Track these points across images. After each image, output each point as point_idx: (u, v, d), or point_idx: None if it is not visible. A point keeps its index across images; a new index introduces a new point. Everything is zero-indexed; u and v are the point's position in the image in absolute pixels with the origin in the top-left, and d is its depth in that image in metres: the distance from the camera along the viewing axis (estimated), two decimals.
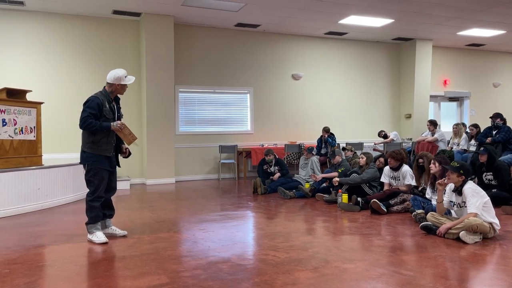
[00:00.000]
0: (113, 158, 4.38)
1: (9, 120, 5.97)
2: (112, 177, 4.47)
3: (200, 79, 10.02)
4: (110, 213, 4.56)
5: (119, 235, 4.48)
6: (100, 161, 4.25)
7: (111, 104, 4.34)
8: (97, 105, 4.18)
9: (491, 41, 12.03)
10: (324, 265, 3.47)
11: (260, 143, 10.38)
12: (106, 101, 4.26)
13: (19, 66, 8.47)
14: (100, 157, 4.24)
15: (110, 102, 4.31)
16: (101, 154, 4.24)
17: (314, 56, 11.21)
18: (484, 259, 3.61)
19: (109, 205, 4.53)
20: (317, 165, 8.01)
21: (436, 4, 8.54)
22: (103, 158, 4.26)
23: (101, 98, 4.23)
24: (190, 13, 8.97)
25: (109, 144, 4.30)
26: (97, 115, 4.17)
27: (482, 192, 4.29)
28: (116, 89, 4.32)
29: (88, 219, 4.32)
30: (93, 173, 4.25)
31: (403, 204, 5.63)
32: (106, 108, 4.24)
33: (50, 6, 8.37)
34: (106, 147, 4.27)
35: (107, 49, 9.13)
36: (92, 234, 4.28)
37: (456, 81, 13.04)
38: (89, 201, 4.29)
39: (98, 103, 4.18)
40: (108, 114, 4.26)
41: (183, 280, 3.15)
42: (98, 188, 4.26)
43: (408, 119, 11.94)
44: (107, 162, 4.32)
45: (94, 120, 4.15)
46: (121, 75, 4.27)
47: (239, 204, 6.52)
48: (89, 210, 4.30)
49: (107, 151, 4.29)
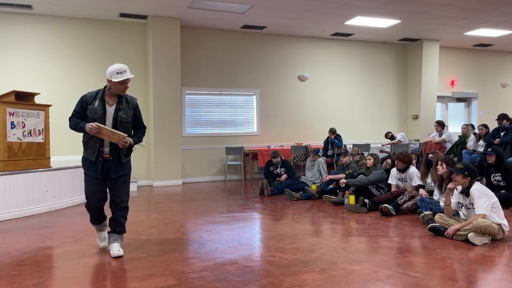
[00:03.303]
0: (98, 165, 3.79)
1: (18, 122, 6.02)
2: (111, 191, 3.93)
3: (207, 81, 10.05)
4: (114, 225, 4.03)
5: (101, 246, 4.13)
6: (87, 166, 3.86)
7: (101, 102, 3.79)
8: (81, 102, 3.79)
9: (499, 41, 11.94)
10: (331, 266, 3.46)
11: (267, 144, 10.38)
12: (97, 99, 3.79)
13: (27, 69, 8.54)
14: (86, 160, 3.86)
15: (102, 100, 3.80)
16: (87, 158, 3.85)
17: (320, 57, 11.20)
18: (493, 261, 3.58)
19: (114, 218, 3.98)
20: (324, 167, 7.99)
21: (443, 4, 8.50)
22: (88, 162, 3.84)
23: (90, 96, 3.81)
24: (196, 16, 9.01)
25: (93, 147, 3.80)
26: (80, 112, 3.78)
27: (490, 193, 4.26)
28: (111, 86, 3.81)
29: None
30: (84, 177, 3.91)
31: (413, 200, 5.59)
32: (92, 106, 3.77)
33: (58, 10, 8.44)
34: (90, 151, 3.82)
35: (114, 51, 9.19)
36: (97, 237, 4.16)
37: (463, 82, 12.96)
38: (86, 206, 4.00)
39: (82, 100, 3.80)
40: (93, 113, 3.76)
41: (190, 282, 3.16)
42: (86, 195, 3.90)
43: (415, 120, 11.88)
44: (93, 168, 3.81)
45: (74, 119, 3.78)
46: (111, 71, 3.76)
47: (246, 206, 6.52)
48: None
49: (90, 155, 3.82)
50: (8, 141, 5.85)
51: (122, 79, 3.75)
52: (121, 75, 3.75)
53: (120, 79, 3.74)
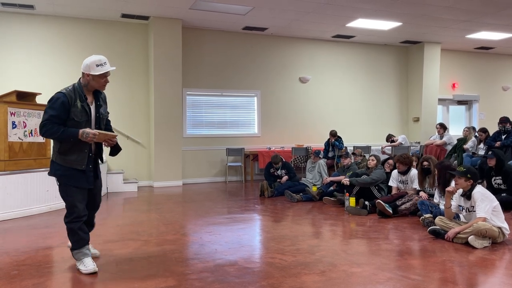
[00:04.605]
0: (89, 172, 3.41)
1: (19, 122, 6.04)
2: (94, 192, 3.56)
3: (208, 82, 10.06)
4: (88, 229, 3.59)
5: (93, 256, 3.68)
6: (71, 176, 3.32)
7: (85, 103, 3.34)
8: (62, 105, 3.23)
9: (500, 44, 11.94)
10: (331, 268, 3.46)
11: (267, 146, 10.38)
12: (77, 99, 3.30)
13: (28, 69, 8.55)
14: (70, 170, 3.32)
15: (83, 100, 3.33)
16: (71, 167, 3.32)
17: (321, 59, 11.20)
18: (493, 264, 3.57)
19: (90, 221, 3.62)
20: (325, 169, 7.99)
21: (445, 7, 8.50)
22: (74, 172, 3.33)
23: (70, 95, 3.28)
24: (198, 17, 9.02)
25: (81, 154, 3.33)
26: (60, 117, 3.23)
27: (491, 197, 4.26)
28: (89, 82, 3.34)
29: (71, 244, 3.46)
30: (64, 189, 3.35)
31: (411, 201, 5.58)
32: (76, 108, 3.28)
33: (60, 10, 8.46)
34: (76, 158, 3.32)
35: (115, 52, 9.20)
36: (80, 262, 3.42)
37: (464, 85, 12.95)
38: (67, 223, 3.39)
39: (63, 102, 3.23)
40: (79, 116, 3.29)
41: (190, 283, 3.16)
42: (73, 207, 3.35)
43: (416, 123, 11.88)
44: (82, 177, 3.36)
45: (55, 125, 3.22)
46: (89, 63, 3.30)
47: (246, 207, 6.52)
48: (70, 234, 3.42)
49: (78, 163, 3.32)
50: (9, 140, 5.87)
51: (103, 71, 3.33)
52: (101, 68, 3.32)
53: (101, 72, 3.31)
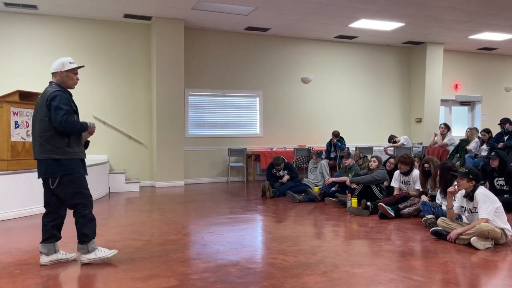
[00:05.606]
0: (84, 162, 3.74)
1: (22, 122, 6.05)
2: None
3: (210, 82, 10.06)
4: (60, 236, 3.76)
5: (71, 259, 3.74)
6: (79, 166, 3.61)
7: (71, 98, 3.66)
8: (68, 100, 3.52)
9: (503, 45, 11.91)
10: (333, 269, 3.45)
11: (269, 146, 10.38)
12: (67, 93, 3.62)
13: (31, 69, 8.56)
14: (76, 162, 3.58)
15: (71, 95, 3.66)
16: (77, 158, 3.59)
17: (323, 60, 11.19)
18: (496, 265, 3.56)
19: (61, 227, 3.77)
20: (327, 169, 7.98)
21: (447, 8, 8.49)
22: (79, 163, 3.62)
23: (65, 91, 3.59)
24: (200, 17, 9.02)
25: (80, 145, 3.68)
26: (71, 111, 3.55)
27: (494, 198, 4.24)
28: (63, 80, 3.60)
29: (89, 235, 3.60)
30: (77, 183, 3.57)
31: (415, 206, 5.57)
32: (72, 102, 3.63)
33: (63, 10, 8.48)
34: (80, 149, 3.65)
35: (118, 52, 9.21)
36: (96, 250, 3.64)
37: (467, 85, 12.92)
38: (87, 214, 3.60)
39: (67, 97, 3.54)
40: (76, 109, 3.70)
41: (192, 283, 3.16)
42: (89, 196, 3.64)
43: (419, 123, 11.86)
44: (84, 167, 3.70)
45: (73, 118, 3.55)
46: (63, 61, 3.62)
47: (248, 208, 6.52)
48: (90, 224, 3.62)
49: (82, 153, 3.68)
50: (12, 140, 5.88)
51: (76, 66, 3.65)
52: (73, 64, 3.65)
53: (74, 66, 3.63)
